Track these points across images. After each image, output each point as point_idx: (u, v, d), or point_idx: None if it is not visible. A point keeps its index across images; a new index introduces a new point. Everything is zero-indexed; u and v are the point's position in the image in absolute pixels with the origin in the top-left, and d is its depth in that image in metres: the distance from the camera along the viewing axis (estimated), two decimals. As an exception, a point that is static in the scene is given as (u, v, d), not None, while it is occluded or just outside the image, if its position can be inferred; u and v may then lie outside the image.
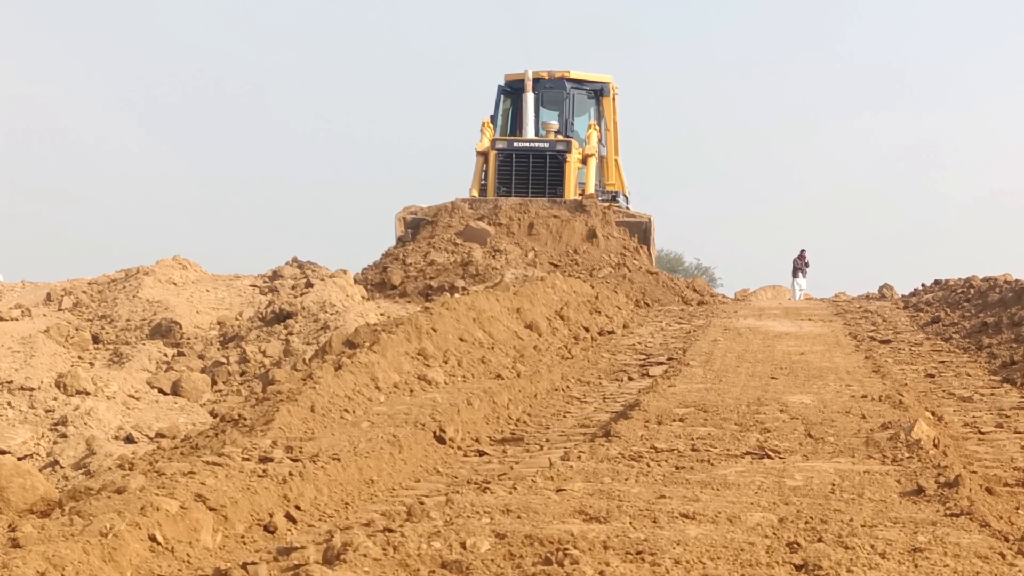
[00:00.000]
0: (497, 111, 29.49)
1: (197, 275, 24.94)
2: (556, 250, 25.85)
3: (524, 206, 26.69)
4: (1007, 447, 9.42)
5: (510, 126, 29.49)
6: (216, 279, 24.93)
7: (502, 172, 27.95)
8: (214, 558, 6.60)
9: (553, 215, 26.63)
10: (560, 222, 26.50)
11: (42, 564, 5.72)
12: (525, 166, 27.85)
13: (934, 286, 26.06)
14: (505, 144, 28.15)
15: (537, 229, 26.27)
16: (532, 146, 28.00)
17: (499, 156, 27.99)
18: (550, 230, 26.34)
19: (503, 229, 26.16)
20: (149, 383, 15.16)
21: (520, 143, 28.17)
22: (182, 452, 9.06)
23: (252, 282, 23.26)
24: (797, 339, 16.71)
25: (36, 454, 11.85)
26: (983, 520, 6.40)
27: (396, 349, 12.18)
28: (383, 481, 8.40)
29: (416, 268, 24.63)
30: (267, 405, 10.10)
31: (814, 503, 6.89)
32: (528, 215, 26.51)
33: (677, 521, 6.40)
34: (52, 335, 17.55)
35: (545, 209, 26.73)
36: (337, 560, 5.78)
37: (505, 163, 27.94)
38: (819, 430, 9.18)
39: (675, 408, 10.32)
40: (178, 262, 25.44)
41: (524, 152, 27.98)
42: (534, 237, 26.10)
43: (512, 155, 27.96)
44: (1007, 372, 13.52)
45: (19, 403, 12.94)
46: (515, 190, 27.75)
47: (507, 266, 24.04)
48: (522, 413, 11.33)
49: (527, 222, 26.35)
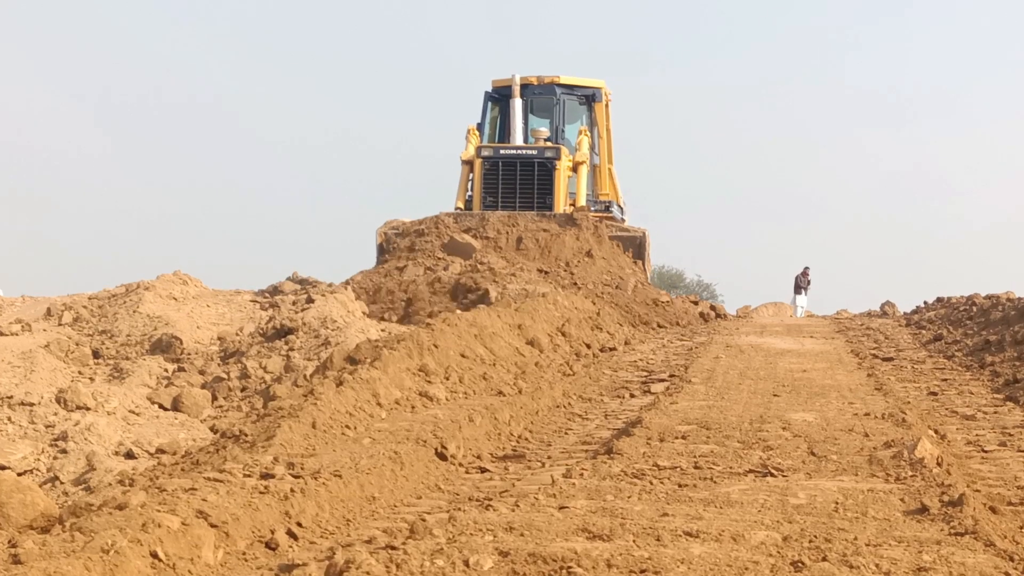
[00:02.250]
0: (484, 119, 28.37)
1: (198, 290, 24.94)
2: (545, 266, 24.60)
3: (512, 219, 25.53)
4: (1011, 466, 9.41)
5: (498, 134, 28.36)
6: (217, 294, 24.94)
7: (488, 181, 26.81)
8: (216, 575, 6.58)
9: (543, 229, 25.46)
10: (550, 236, 25.32)
11: (43, 580, 5.71)
12: (512, 174, 26.71)
13: (936, 304, 26.06)
14: (491, 152, 27.00)
15: (526, 243, 25.14)
16: (519, 153, 26.89)
17: (485, 164, 26.85)
18: (539, 244, 25.17)
19: (490, 243, 25.01)
20: (150, 398, 15.14)
21: (507, 150, 27.05)
22: (183, 468, 9.04)
23: (253, 297, 23.27)
24: (799, 356, 16.69)
25: (36, 469, 11.82)
26: (988, 539, 6.39)
27: (397, 365, 12.17)
28: (385, 498, 8.39)
29: (395, 284, 23.30)
30: (268, 421, 10.08)
31: (818, 521, 6.87)
32: (516, 228, 25.36)
33: (681, 539, 6.39)
34: (52, 350, 17.54)
35: (534, 223, 25.58)
36: (339, 577, 5.77)
37: (491, 172, 26.81)
38: (822, 448, 9.17)
39: (677, 425, 10.30)
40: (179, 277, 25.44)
41: (511, 160, 26.83)
42: (522, 252, 24.95)
43: (499, 163, 26.82)
44: (1010, 390, 13.50)
45: (19, 418, 12.92)
46: (502, 200, 26.61)
47: (492, 281, 22.73)
48: (524, 430, 11.32)
49: (515, 236, 25.23)
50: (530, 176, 26.66)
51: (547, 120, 28.26)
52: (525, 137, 27.47)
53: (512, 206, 26.44)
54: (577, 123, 28.55)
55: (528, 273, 23.51)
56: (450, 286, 22.77)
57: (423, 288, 22.96)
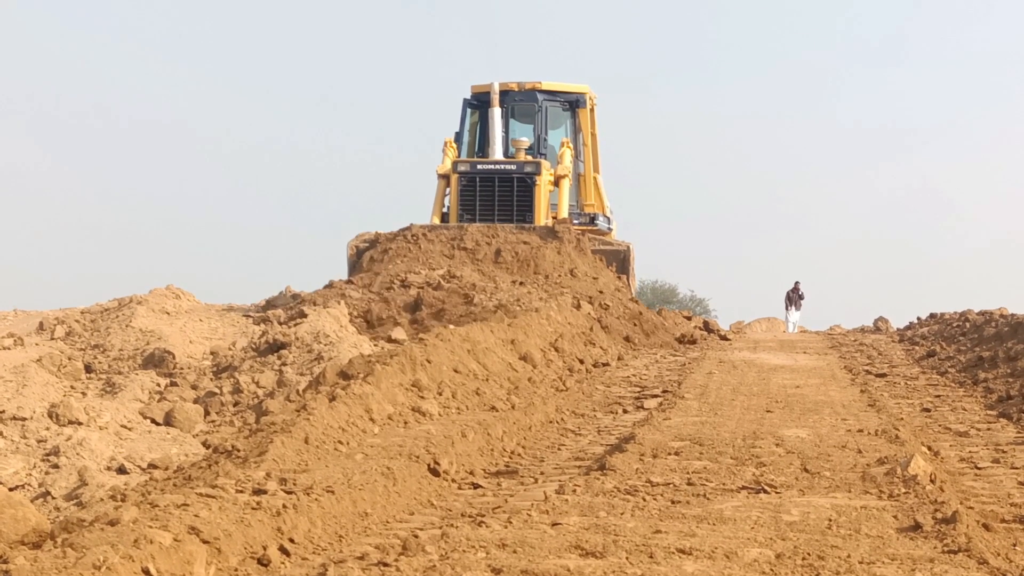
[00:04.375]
0: (463, 126, 27.12)
1: (190, 304, 24.94)
2: (524, 280, 23.10)
3: (492, 231, 24.41)
4: (1004, 483, 9.41)
5: (478, 142, 27.16)
6: (209, 308, 24.92)
7: (465, 197, 25.60)
8: (207, 591, 6.56)
9: (523, 241, 24.31)
10: (530, 249, 24.13)
11: (34, 597, 5.69)
12: (490, 190, 25.48)
13: (929, 320, 26.11)
14: (468, 167, 25.82)
15: (504, 256, 23.97)
16: (498, 168, 25.62)
17: (461, 180, 25.64)
18: (518, 257, 23.99)
19: (468, 255, 23.86)
20: (142, 413, 15.11)
21: (484, 165, 25.83)
22: (175, 483, 9.02)
23: (245, 312, 23.23)
24: (792, 372, 16.70)
25: (28, 484, 11.80)
26: (981, 557, 6.39)
27: (390, 380, 12.16)
28: (377, 514, 8.37)
29: (364, 299, 21.97)
30: (261, 436, 10.06)
31: (811, 539, 6.87)
32: (496, 240, 24.20)
33: (674, 556, 6.38)
34: (45, 364, 17.50)
35: (514, 234, 24.44)
36: (332, 594, 5.75)
37: (468, 187, 25.59)
38: (815, 464, 9.16)
39: (670, 441, 10.30)
40: (171, 291, 25.44)
41: (489, 175, 25.59)
42: (501, 265, 23.77)
43: (476, 178, 25.61)
44: (1003, 407, 13.51)
45: (11, 433, 12.89)
46: (480, 216, 25.33)
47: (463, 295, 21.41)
48: (517, 445, 11.31)
49: (494, 248, 24.09)
50: (509, 192, 25.56)
51: (530, 126, 27.17)
52: (505, 148, 26.33)
53: (490, 221, 25.31)
54: (561, 129, 27.38)
55: (505, 285, 22.48)
56: (411, 300, 21.56)
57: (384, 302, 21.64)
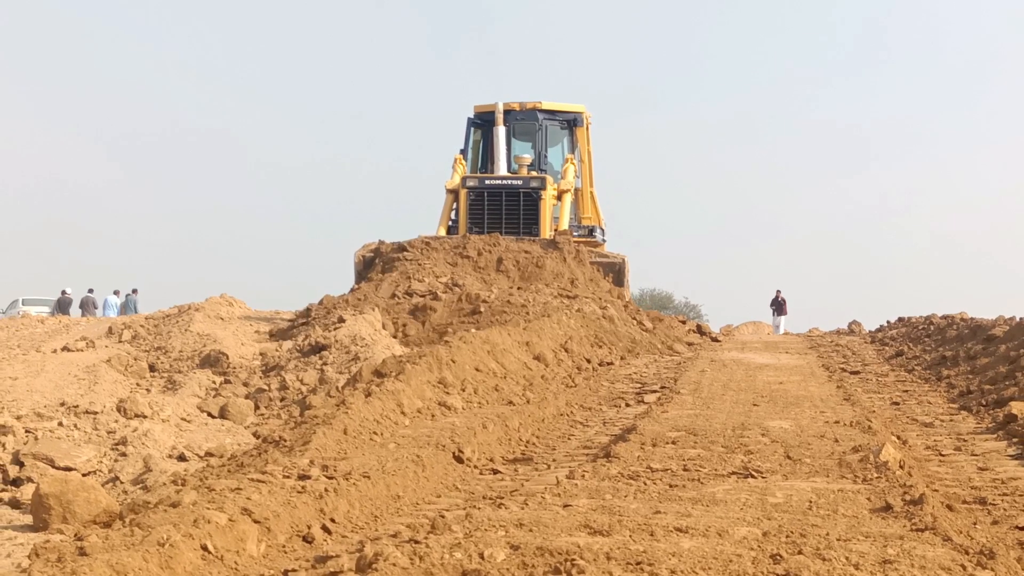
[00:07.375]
0: (467, 144, 26.26)
1: (242, 311, 25.02)
2: (525, 287, 22.02)
3: (494, 240, 23.49)
4: (965, 468, 9.38)
5: (481, 159, 26.32)
6: (258, 314, 25.00)
7: (474, 211, 24.69)
8: (259, 566, 6.58)
9: (524, 251, 23.35)
10: (531, 258, 23.20)
11: (106, 571, 5.70)
12: (498, 205, 24.59)
13: (898, 323, 25.99)
14: (476, 182, 24.87)
15: (506, 265, 22.99)
16: (505, 183, 24.75)
17: (470, 195, 24.75)
18: (519, 266, 23.00)
19: (470, 263, 22.91)
20: (199, 407, 15.15)
21: (492, 180, 24.88)
22: (229, 470, 9.04)
23: (290, 317, 23.28)
24: (776, 370, 16.65)
25: (99, 471, 11.83)
26: (945, 535, 6.36)
27: (419, 378, 12.17)
28: (408, 496, 8.38)
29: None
30: (305, 428, 10.08)
31: (794, 518, 6.85)
32: (497, 249, 23.26)
33: (672, 534, 6.37)
34: (113, 364, 17.57)
35: (516, 244, 23.53)
36: (369, 568, 5.76)
37: (477, 202, 24.70)
38: (797, 452, 9.14)
39: (668, 432, 10.28)
40: (225, 299, 25.54)
41: (496, 190, 24.68)
42: (502, 273, 22.80)
43: (484, 193, 24.68)
44: (964, 401, 13.47)
45: (84, 425, 12.94)
46: (488, 229, 24.36)
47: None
48: (531, 436, 11.30)
49: (496, 256, 23.11)
50: (516, 206, 24.73)
51: (529, 143, 26.43)
52: (509, 165, 25.49)
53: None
54: (559, 146, 26.72)
55: (515, 291, 21.63)
56: (411, 307, 20.97)
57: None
